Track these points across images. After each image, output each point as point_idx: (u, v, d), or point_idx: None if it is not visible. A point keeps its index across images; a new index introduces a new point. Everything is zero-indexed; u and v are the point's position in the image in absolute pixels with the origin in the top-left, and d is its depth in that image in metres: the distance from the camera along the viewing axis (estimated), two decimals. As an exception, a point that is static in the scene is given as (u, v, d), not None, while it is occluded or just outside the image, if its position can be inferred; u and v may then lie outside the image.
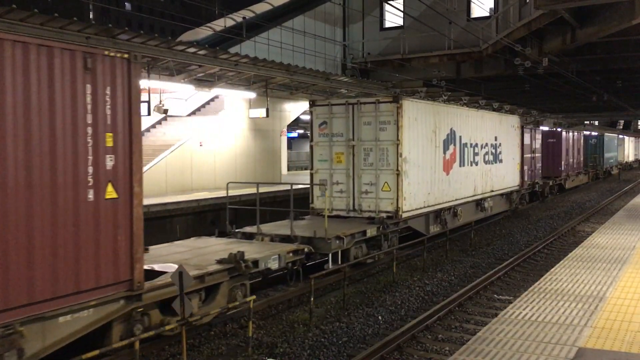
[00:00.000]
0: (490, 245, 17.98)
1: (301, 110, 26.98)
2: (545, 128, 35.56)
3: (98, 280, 7.24)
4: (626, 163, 66.36)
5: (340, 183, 15.78)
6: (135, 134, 7.63)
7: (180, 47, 15.07)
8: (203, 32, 21.24)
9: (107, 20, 59.75)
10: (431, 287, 12.77)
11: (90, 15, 50.89)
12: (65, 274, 6.86)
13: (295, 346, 9.12)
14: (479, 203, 20.26)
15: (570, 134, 36.21)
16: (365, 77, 25.61)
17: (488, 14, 25.42)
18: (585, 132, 44.58)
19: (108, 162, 7.34)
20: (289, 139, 44.43)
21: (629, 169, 67.99)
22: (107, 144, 7.31)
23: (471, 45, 23.51)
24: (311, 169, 16.28)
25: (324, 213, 13.36)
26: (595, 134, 48.08)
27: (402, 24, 27.13)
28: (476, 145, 19.97)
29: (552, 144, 32.91)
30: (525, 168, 26.00)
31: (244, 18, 21.88)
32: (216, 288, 9.54)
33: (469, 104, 24.17)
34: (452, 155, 18.09)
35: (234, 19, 21.92)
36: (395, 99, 15.14)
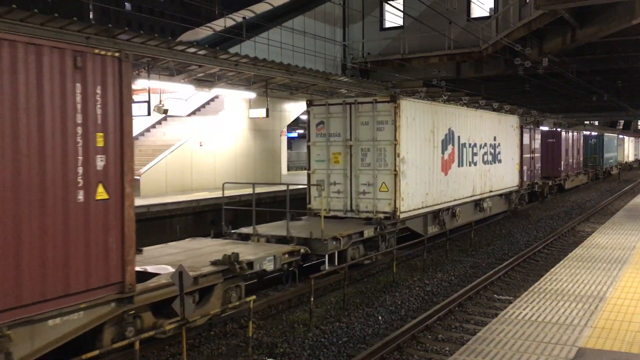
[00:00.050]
0: (490, 245, 17.98)
1: (301, 111, 26.97)
2: (545, 128, 35.55)
3: (88, 282, 7.11)
4: (626, 163, 66.35)
5: (337, 183, 15.64)
6: (126, 133, 7.49)
7: (180, 47, 15.09)
8: (203, 32, 21.26)
9: (107, 20, 59.74)
10: (431, 287, 12.77)
11: (90, 15, 50.87)
12: (54, 276, 6.73)
13: (295, 346, 9.12)
14: (477, 203, 20.17)
15: (570, 134, 36.19)
16: (365, 77, 25.64)
17: (488, 14, 25.45)
18: (585, 132, 44.56)
19: (99, 163, 7.20)
20: (289, 139, 44.40)
21: (629, 169, 68.00)
22: (98, 144, 7.18)
23: (471, 45, 23.53)
24: (308, 169, 16.14)
25: (321, 214, 13.22)
26: (595, 134, 48.07)
27: (402, 24, 27.16)
28: (475, 145, 19.86)
29: (552, 144, 32.86)
30: (525, 168, 25.98)
31: (244, 18, 21.90)
32: (210, 290, 9.39)
33: (469, 104, 24.20)
34: (451, 156, 17.99)
35: (234, 19, 21.94)
36: (393, 99, 15.00)
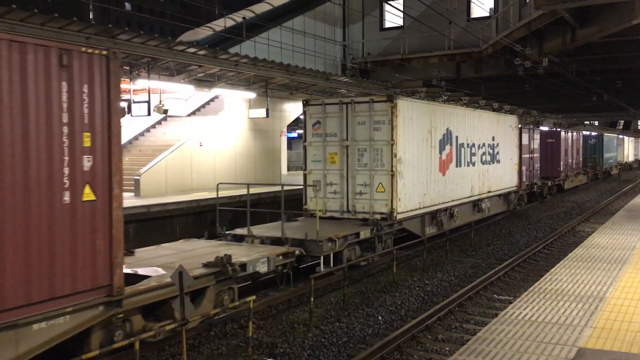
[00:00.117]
0: (490, 245, 17.97)
1: (301, 111, 26.91)
2: (545, 128, 35.53)
3: (75, 285, 6.95)
4: (626, 163, 66.35)
5: (334, 184, 15.53)
6: (114, 133, 7.33)
7: (180, 47, 15.08)
8: (203, 32, 21.25)
9: (107, 20, 59.73)
10: (431, 287, 12.77)
11: (90, 15, 50.87)
12: (39, 280, 6.57)
13: (295, 346, 9.12)
14: (476, 204, 20.09)
15: (569, 134, 36.17)
16: (365, 77, 25.63)
17: (488, 14, 25.44)
18: (585, 132, 44.55)
19: (85, 163, 7.03)
20: (289, 139, 44.38)
21: (629, 169, 67.99)
22: (85, 144, 7.00)
23: (471, 46, 23.53)
24: (305, 169, 16.02)
25: (316, 214, 13.10)
26: (594, 134, 48.06)
27: (402, 24, 27.15)
28: (473, 145, 19.78)
29: (551, 144, 32.84)
30: (524, 168, 25.96)
31: (244, 18, 21.90)
32: (202, 292, 9.29)
33: (469, 104, 24.19)
34: (449, 156, 17.91)
35: (234, 19, 21.93)
36: (390, 98, 14.89)
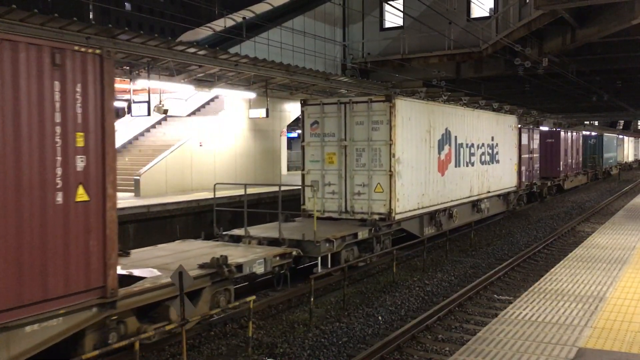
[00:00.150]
0: (490, 245, 17.97)
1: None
2: (545, 128, 35.52)
3: (67, 287, 6.87)
4: (626, 163, 66.36)
5: (332, 184, 15.48)
6: (108, 133, 7.25)
7: (180, 47, 15.08)
8: (203, 32, 21.25)
9: (107, 20, 59.73)
10: (431, 288, 12.77)
11: (90, 15, 50.88)
12: (31, 281, 6.50)
13: (295, 346, 9.12)
14: (475, 204, 20.05)
15: (569, 134, 36.16)
16: (365, 78, 25.63)
17: (488, 14, 25.44)
18: (584, 132, 44.54)
19: (79, 163, 6.95)
20: (289, 139, 44.32)
21: (629, 169, 68.00)
22: (78, 144, 6.92)
23: (471, 46, 23.53)
24: (303, 169, 15.98)
25: (314, 215, 13.04)
26: (594, 134, 48.06)
27: (402, 24, 27.16)
28: (472, 145, 19.73)
29: (551, 144, 32.83)
30: (523, 169, 25.94)
31: (244, 18, 21.90)
32: (198, 294, 9.22)
33: (468, 104, 24.18)
34: (447, 156, 17.87)
35: (234, 19, 21.93)
36: (388, 98, 14.83)
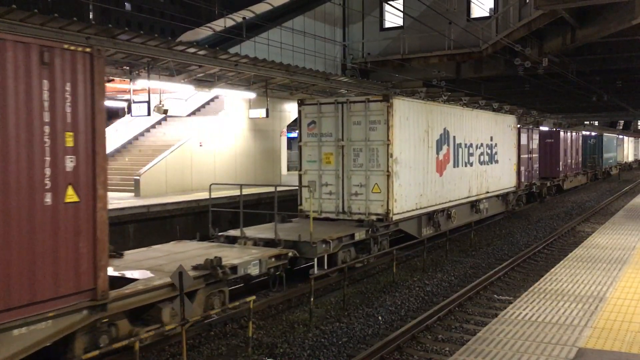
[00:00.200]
0: (490, 245, 17.97)
1: (301, 111, 26.96)
2: (545, 128, 35.52)
3: (57, 290, 6.77)
4: (626, 163, 66.35)
5: (329, 184, 15.38)
6: (99, 133, 7.12)
7: (180, 48, 15.08)
8: (203, 32, 21.26)
9: (107, 20, 59.73)
10: (431, 288, 12.77)
11: (90, 15, 50.87)
12: (19, 284, 6.38)
13: (295, 346, 9.12)
14: (473, 205, 19.97)
15: (569, 134, 36.14)
16: (365, 78, 25.64)
17: (488, 14, 25.45)
18: (584, 132, 44.54)
19: (68, 164, 6.83)
20: (289, 139, 44.28)
21: (629, 170, 67.99)
22: (67, 144, 6.80)
23: (471, 46, 23.54)
24: (300, 170, 15.89)
25: (310, 215, 12.86)
26: (594, 134, 48.05)
27: (402, 24, 27.17)
28: (471, 145, 19.66)
29: (550, 144, 32.81)
30: (522, 169, 25.91)
31: (244, 18, 21.90)
32: (192, 296, 9.08)
33: (468, 104, 24.19)
34: (446, 156, 17.81)
35: (234, 19, 21.93)
36: (385, 98, 14.75)
